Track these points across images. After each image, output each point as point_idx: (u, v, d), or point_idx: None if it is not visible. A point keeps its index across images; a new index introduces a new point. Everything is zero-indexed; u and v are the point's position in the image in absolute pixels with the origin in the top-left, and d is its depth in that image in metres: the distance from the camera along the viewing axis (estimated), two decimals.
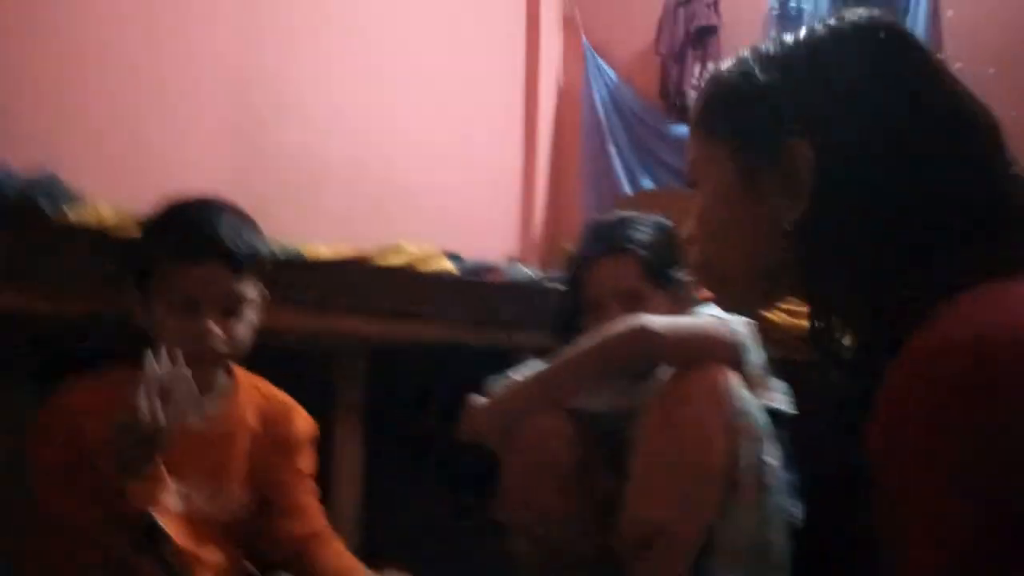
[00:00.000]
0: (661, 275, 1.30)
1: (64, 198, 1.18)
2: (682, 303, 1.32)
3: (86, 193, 1.24)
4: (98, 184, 1.29)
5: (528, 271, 1.79)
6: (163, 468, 1.04)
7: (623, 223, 1.35)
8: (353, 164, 2.71)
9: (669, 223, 1.37)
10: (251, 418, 1.18)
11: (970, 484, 0.39)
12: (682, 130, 3.33)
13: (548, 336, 1.66)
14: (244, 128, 2.47)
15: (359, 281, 1.42)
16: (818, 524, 1.23)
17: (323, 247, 1.41)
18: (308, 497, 1.22)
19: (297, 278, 1.34)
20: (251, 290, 1.10)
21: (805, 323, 1.94)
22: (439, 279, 1.52)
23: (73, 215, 1.16)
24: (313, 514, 1.21)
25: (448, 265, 1.55)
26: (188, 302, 1.05)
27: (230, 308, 1.08)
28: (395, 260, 1.46)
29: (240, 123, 2.46)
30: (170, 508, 1.07)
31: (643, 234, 1.32)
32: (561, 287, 1.73)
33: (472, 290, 1.57)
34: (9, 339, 1.21)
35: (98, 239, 1.17)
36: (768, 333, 1.74)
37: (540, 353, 1.68)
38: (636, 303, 1.27)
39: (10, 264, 1.10)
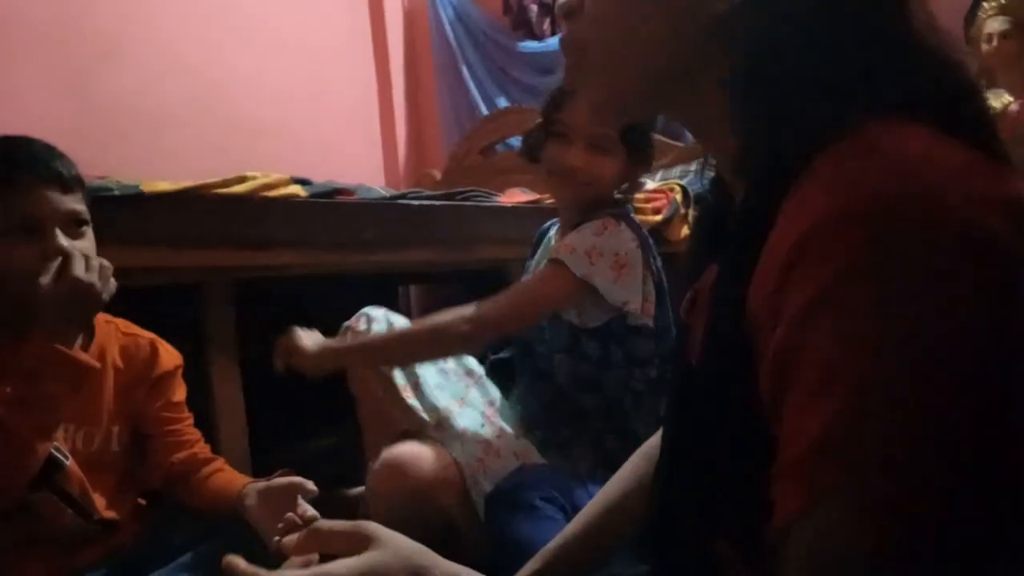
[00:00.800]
0: (631, 132, 1.34)
1: None
2: (637, 167, 1.40)
3: None
4: None
5: (381, 190, 1.81)
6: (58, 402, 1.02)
7: None
8: (193, 104, 2.64)
9: None
10: (114, 356, 1.17)
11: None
12: (531, 46, 3.39)
13: (414, 253, 1.73)
14: (75, 76, 2.37)
15: (203, 212, 1.41)
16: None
17: (164, 183, 1.38)
18: (183, 426, 1.24)
19: (140, 215, 1.32)
20: (85, 208, 1.08)
21: (649, 218, 2.08)
22: (289, 203, 1.52)
23: None
24: (190, 440, 1.24)
25: (297, 190, 1.56)
26: (27, 225, 1.02)
27: (72, 229, 1.05)
28: (239, 188, 1.45)
29: (71, 71, 2.36)
30: (63, 447, 1.07)
31: None
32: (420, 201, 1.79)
33: (326, 212, 1.58)
34: None
35: None
36: None
37: (406, 276, 1.75)
38: (600, 151, 1.34)
39: None
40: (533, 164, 1.48)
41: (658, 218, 2.10)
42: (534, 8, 3.26)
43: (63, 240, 1.02)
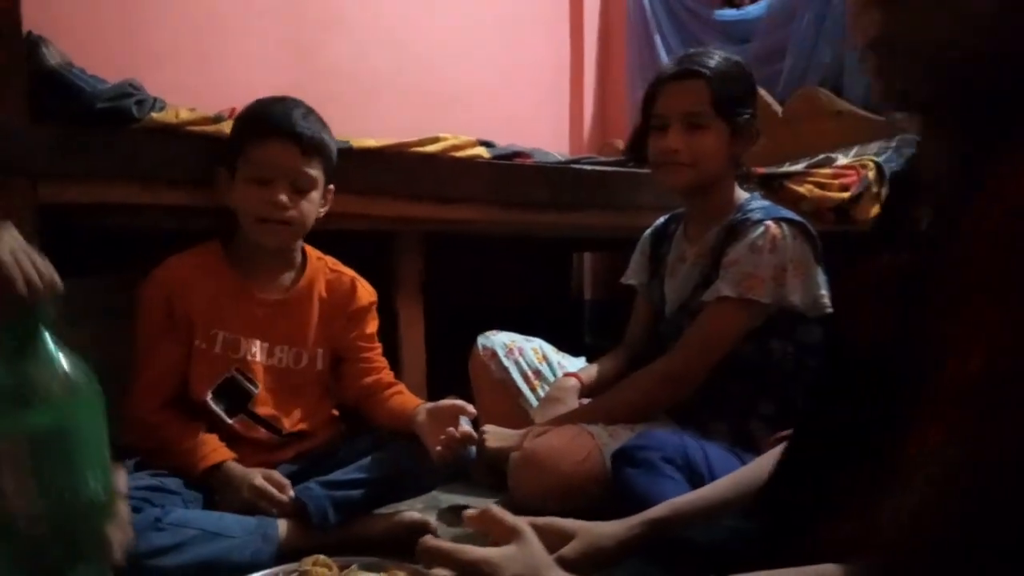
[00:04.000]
0: (727, 105, 1.35)
1: (147, 103, 1.36)
2: (741, 139, 1.38)
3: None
4: (171, 98, 1.48)
5: (557, 155, 1.90)
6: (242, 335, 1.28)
7: (700, 51, 1.41)
8: (399, 72, 2.88)
9: (741, 59, 1.43)
10: (321, 289, 1.38)
11: None
12: (728, 14, 3.29)
13: (586, 216, 1.81)
14: (299, 44, 2.69)
15: (400, 167, 1.58)
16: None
17: (370, 140, 1.57)
18: (373, 354, 1.43)
19: (347, 167, 1.51)
20: (317, 172, 1.28)
21: (834, 195, 1.98)
22: (471, 163, 1.66)
23: (157, 117, 1.35)
24: (378, 367, 1.42)
25: (481, 151, 1.69)
26: (262, 176, 1.24)
27: (298, 186, 1.26)
28: (432, 148, 1.61)
29: (295, 40, 2.69)
30: (259, 361, 1.30)
31: (715, 62, 1.37)
32: (593, 166, 1.87)
33: (500, 172, 1.70)
34: (101, 230, 1.43)
35: (180, 135, 1.36)
36: (798, 205, 1.86)
37: (578, 242, 1.84)
38: (697, 128, 1.35)
39: (107, 161, 1.31)
40: (643, 163, 1.50)
41: (845, 195, 2.01)
42: None
43: (283, 196, 1.23)
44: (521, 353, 1.63)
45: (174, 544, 1.02)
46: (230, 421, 1.26)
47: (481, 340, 1.62)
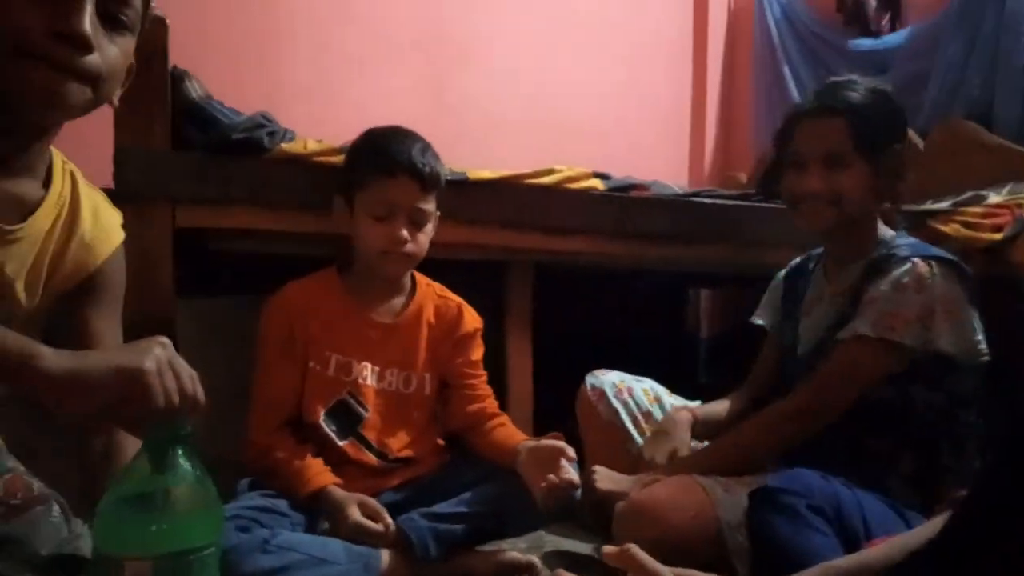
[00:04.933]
0: (870, 142, 1.25)
1: (279, 134, 1.43)
2: (888, 177, 1.28)
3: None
4: (304, 131, 1.54)
5: (676, 188, 1.83)
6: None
7: (840, 83, 1.32)
8: (524, 106, 2.92)
9: (888, 88, 1.33)
10: (429, 314, 1.39)
11: None
12: (864, 44, 3.13)
13: (702, 250, 1.74)
14: (430, 80, 2.79)
15: (513, 199, 1.58)
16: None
17: (486, 172, 1.58)
18: (478, 382, 1.41)
19: (463, 198, 1.51)
20: (432, 206, 1.31)
21: (984, 236, 1.82)
22: (581, 194, 1.63)
23: (286, 147, 1.41)
24: (482, 395, 1.41)
25: (596, 183, 1.66)
26: (385, 211, 1.26)
27: (417, 220, 1.29)
28: (546, 180, 1.59)
29: (427, 78, 2.78)
30: (370, 384, 1.31)
31: (858, 96, 1.27)
32: (714, 199, 1.79)
33: (616, 204, 1.66)
34: (236, 254, 1.50)
35: (307, 165, 1.41)
36: (942, 246, 1.70)
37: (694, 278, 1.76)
38: (838, 168, 1.26)
39: (239, 188, 1.38)
40: (774, 199, 1.41)
41: (998, 236, 1.83)
42: (872, 3, 3.00)
43: (404, 232, 1.26)
44: (631, 394, 1.56)
45: (280, 567, 1.03)
46: (341, 444, 1.28)
47: (590, 379, 1.56)
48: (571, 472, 1.17)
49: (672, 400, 1.60)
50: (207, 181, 1.35)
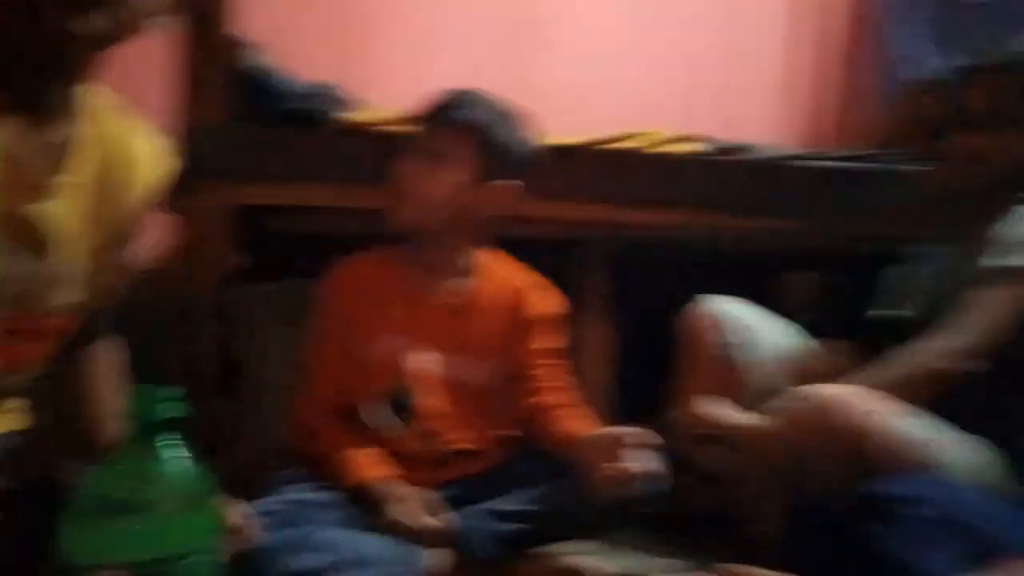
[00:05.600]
0: None
1: (342, 103, 1.35)
2: None
3: None
4: None
5: (785, 150, 1.62)
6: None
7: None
8: (608, 92, 2.73)
9: None
10: (497, 296, 1.27)
11: None
12: None
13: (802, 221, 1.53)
14: (512, 65, 2.66)
15: (595, 166, 1.43)
16: None
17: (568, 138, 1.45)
18: (551, 371, 1.29)
19: (542, 168, 1.39)
20: (457, 151, 1.17)
21: None
22: (674, 159, 1.47)
23: (349, 117, 1.33)
24: (555, 386, 1.28)
25: (689, 147, 1.49)
26: (427, 158, 1.17)
27: (431, 162, 1.17)
28: (634, 143, 1.44)
29: (509, 61, 2.66)
30: (427, 370, 1.22)
31: None
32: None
33: (714, 170, 1.48)
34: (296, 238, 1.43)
35: (371, 135, 1.33)
36: None
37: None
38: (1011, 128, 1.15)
39: (298, 161, 1.31)
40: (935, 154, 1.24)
41: None
42: None
43: (410, 169, 1.16)
44: (751, 331, 1.30)
45: (318, 568, 0.95)
46: (393, 433, 1.20)
47: (701, 305, 1.30)
48: (634, 460, 1.03)
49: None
50: (264, 154, 1.30)
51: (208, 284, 1.27)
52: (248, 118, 1.31)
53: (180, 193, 1.24)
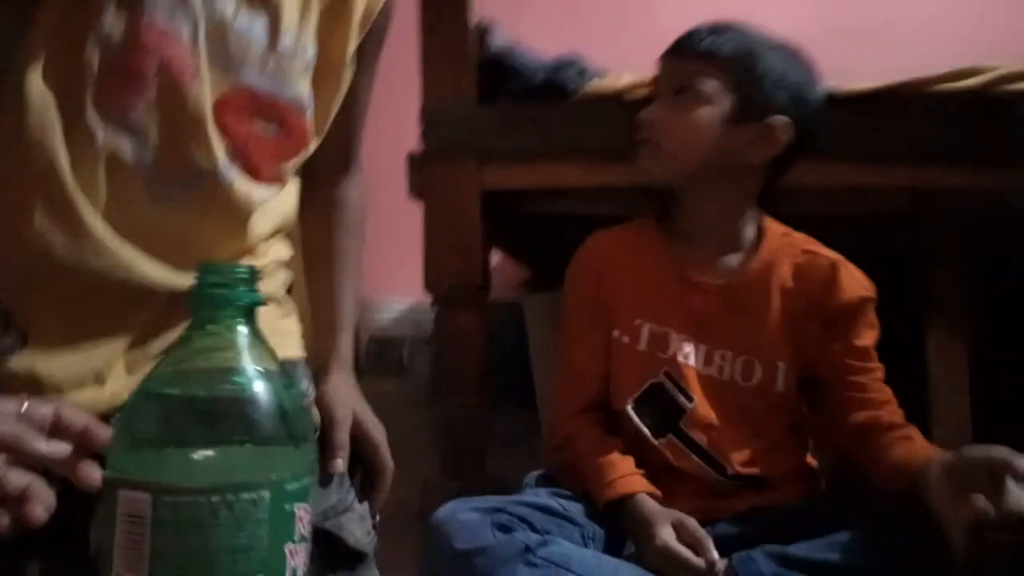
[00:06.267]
0: None
1: (587, 75, 1.20)
2: None
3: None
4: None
5: None
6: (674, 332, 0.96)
7: None
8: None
9: None
10: (786, 276, 0.98)
11: None
12: None
13: None
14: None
15: (916, 116, 1.08)
16: None
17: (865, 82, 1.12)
18: (867, 377, 0.95)
19: (837, 126, 1.08)
20: (707, 84, 0.94)
21: None
22: None
23: (594, 87, 1.18)
24: (876, 398, 0.94)
25: None
26: (672, 95, 0.96)
27: (675, 100, 0.95)
28: (967, 83, 1.06)
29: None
30: (692, 367, 0.96)
31: None
32: None
33: None
34: (550, 212, 1.29)
35: (622, 104, 1.15)
36: None
37: None
38: None
39: (545, 138, 1.18)
40: None
41: None
42: None
43: (649, 111, 0.97)
44: None
45: None
46: (655, 441, 0.95)
47: None
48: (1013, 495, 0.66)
49: None
50: (508, 133, 1.20)
51: (463, 267, 1.18)
52: (494, 96, 1.22)
53: (427, 175, 1.20)
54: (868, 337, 0.96)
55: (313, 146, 0.76)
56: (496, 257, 1.27)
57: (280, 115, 0.70)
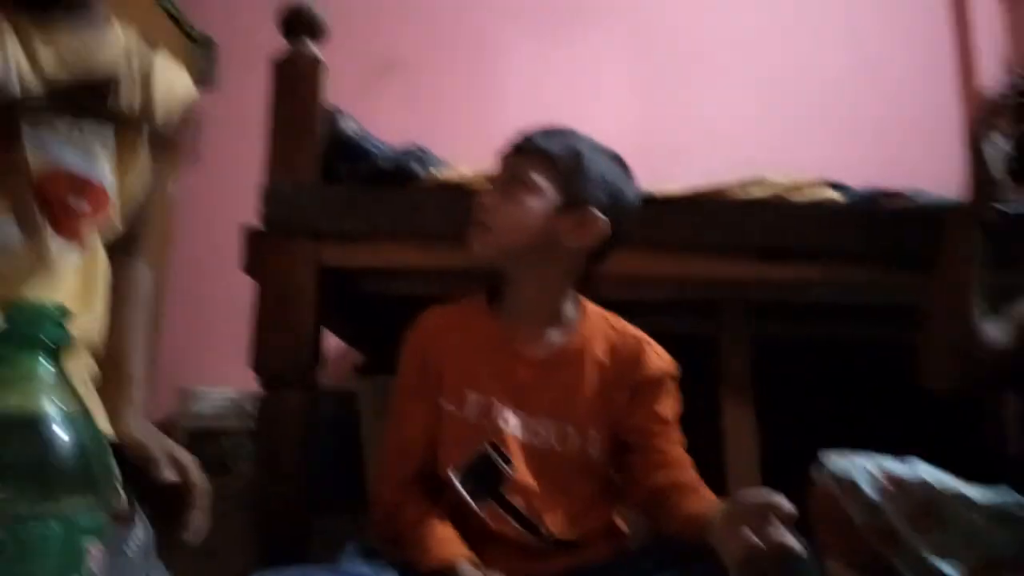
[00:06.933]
0: None
1: (433, 163, 1.29)
2: None
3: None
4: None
5: (945, 195, 1.35)
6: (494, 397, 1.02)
7: None
8: (759, 110, 2.50)
9: None
10: (599, 352, 1.08)
11: None
12: None
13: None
14: (647, 87, 2.50)
15: (717, 217, 1.25)
16: None
17: (673, 186, 1.28)
18: (667, 443, 1.05)
19: (654, 221, 1.23)
20: (538, 178, 1.04)
21: None
22: (809, 208, 1.25)
23: (439, 175, 1.26)
24: (674, 460, 1.04)
25: (830, 194, 1.27)
26: (506, 184, 1.06)
27: (508, 189, 1.05)
28: (758, 192, 1.25)
29: (638, 84, 2.51)
30: (515, 435, 1.02)
31: None
32: None
33: (853, 217, 1.25)
34: (386, 292, 1.33)
35: (461, 194, 1.24)
36: None
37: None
38: None
39: (386, 219, 1.24)
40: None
41: None
42: None
43: (487, 197, 1.06)
44: (901, 486, 1.08)
45: None
46: (479, 508, 0.99)
47: (828, 466, 1.07)
48: (784, 533, 0.75)
49: (972, 492, 1.06)
50: (352, 214, 1.24)
51: (294, 342, 1.18)
52: (339, 178, 1.27)
53: (265, 252, 1.21)
54: (669, 408, 1.07)
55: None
56: (329, 346, 1.27)
57: (88, 193, 0.85)
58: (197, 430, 1.98)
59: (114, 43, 0.89)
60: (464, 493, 0.99)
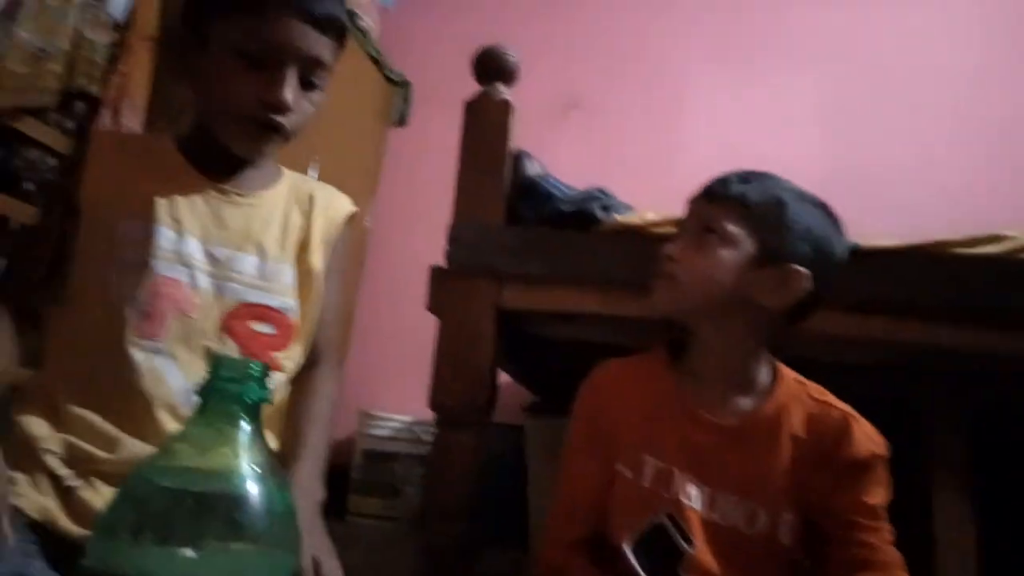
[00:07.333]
0: None
1: (615, 207, 1.25)
2: None
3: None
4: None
5: None
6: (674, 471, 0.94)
7: None
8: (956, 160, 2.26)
9: None
10: (796, 424, 0.97)
11: None
12: None
13: None
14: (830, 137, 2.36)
15: (931, 273, 1.10)
16: None
17: (884, 239, 1.15)
18: (875, 537, 0.92)
19: (850, 275, 1.10)
20: (734, 229, 0.95)
21: None
22: None
23: (621, 219, 1.22)
24: (885, 565, 0.90)
25: None
26: (694, 234, 0.97)
27: (698, 237, 0.96)
28: (991, 249, 1.08)
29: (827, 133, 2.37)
30: (694, 509, 0.94)
31: None
32: None
33: None
34: (562, 335, 1.30)
35: (642, 239, 1.19)
36: None
37: None
38: None
39: (565, 262, 1.21)
40: None
41: None
42: None
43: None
44: None
45: None
46: None
47: None
48: None
49: None
50: (532, 257, 1.23)
51: (472, 382, 1.18)
52: (522, 220, 1.27)
53: (448, 291, 1.23)
54: (879, 495, 0.94)
55: (303, 341, 0.99)
56: (499, 380, 1.27)
57: (271, 318, 0.95)
58: (372, 452, 2.10)
59: (274, 200, 0.99)
60: (636, 566, 0.92)
